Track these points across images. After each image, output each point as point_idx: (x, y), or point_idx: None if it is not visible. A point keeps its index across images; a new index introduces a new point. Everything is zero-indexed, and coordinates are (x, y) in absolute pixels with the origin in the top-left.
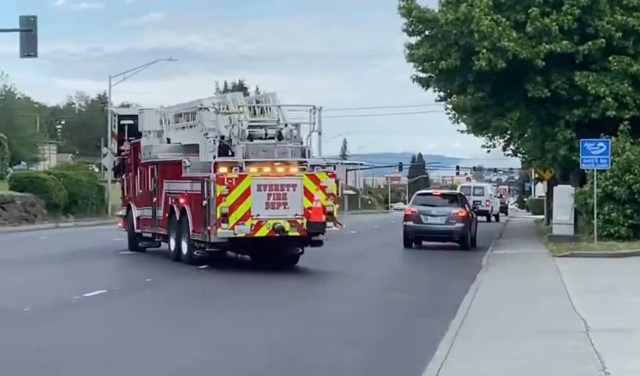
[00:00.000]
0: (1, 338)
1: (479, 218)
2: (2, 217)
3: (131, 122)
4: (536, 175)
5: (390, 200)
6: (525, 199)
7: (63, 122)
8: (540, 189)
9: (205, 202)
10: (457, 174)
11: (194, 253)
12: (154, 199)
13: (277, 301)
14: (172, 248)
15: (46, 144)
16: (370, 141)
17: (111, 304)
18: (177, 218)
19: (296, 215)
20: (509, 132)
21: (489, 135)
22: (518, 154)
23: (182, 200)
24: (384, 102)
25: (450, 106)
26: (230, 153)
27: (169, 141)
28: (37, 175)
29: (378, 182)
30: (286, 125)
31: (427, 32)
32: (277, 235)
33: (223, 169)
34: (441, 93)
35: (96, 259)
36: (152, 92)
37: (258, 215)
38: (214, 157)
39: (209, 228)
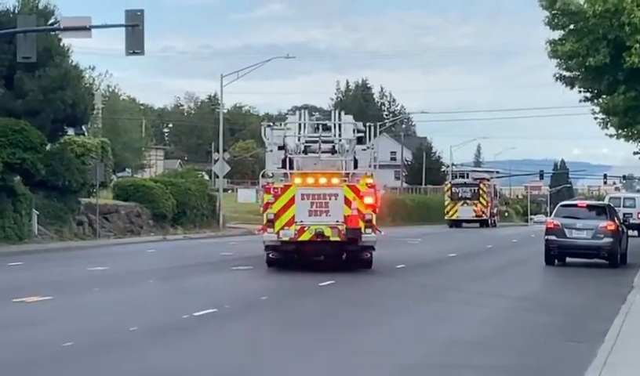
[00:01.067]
0: (107, 360)
1: (630, 232)
2: (106, 228)
3: None
4: None
5: (529, 212)
6: None
7: (170, 125)
8: None
9: (261, 209)
10: (605, 183)
11: (269, 255)
12: None
13: (402, 324)
14: None
15: (152, 149)
16: (508, 146)
17: (224, 325)
18: None
19: (337, 221)
20: None
21: None
22: None
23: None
24: (524, 103)
25: (598, 108)
26: (293, 164)
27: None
28: (142, 183)
29: (516, 192)
30: (340, 141)
31: (572, 26)
32: (318, 239)
33: (271, 180)
34: (588, 93)
35: (206, 275)
36: (268, 92)
37: (301, 221)
38: (277, 169)
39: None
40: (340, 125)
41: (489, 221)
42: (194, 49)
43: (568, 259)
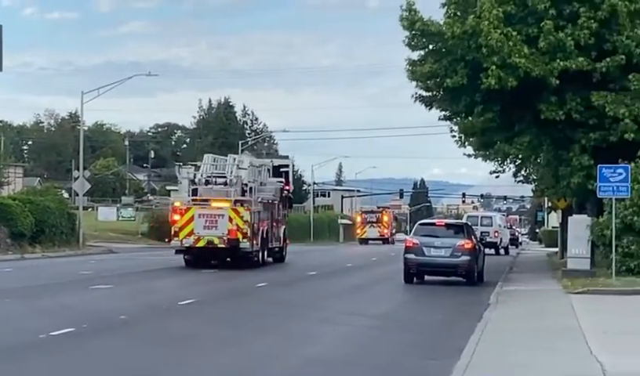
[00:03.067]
0: None
1: (487, 250)
2: None
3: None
4: (550, 204)
5: None
6: (538, 230)
7: (30, 143)
8: (553, 220)
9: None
10: (463, 202)
11: (184, 257)
12: None
13: (263, 343)
14: None
15: (11, 167)
16: (369, 165)
17: (81, 344)
18: None
19: (223, 233)
20: (520, 157)
21: (498, 159)
22: (530, 181)
23: None
24: (385, 122)
25: (456, 128)
26: (197, 193)
27: None
28: (0, 201)
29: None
30: (231, 176)
31: (431, 46)
32: (210, 246)
33: (177, 203)
34: (446, 113)
35: (65, 294)
36: (130, 110)
37: (198, 233)
38: (188, 196)
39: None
40: (232, 165)
41: (389, 239)
42: (56, 65)
43: (426, 277)
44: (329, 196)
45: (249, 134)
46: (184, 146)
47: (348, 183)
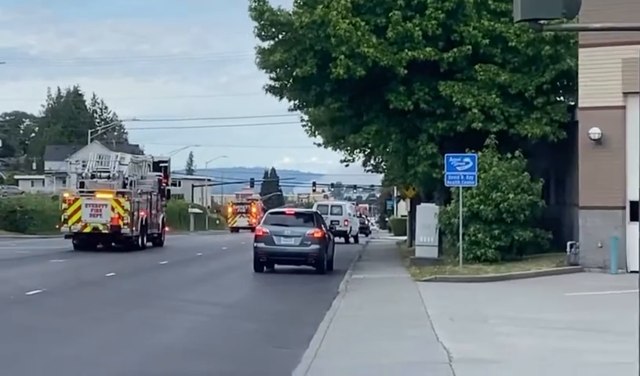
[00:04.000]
0: None
1: (337, 239)
2: None
3: None
4: (399, 193)
5: None
6: (387, 218)
7: None
8: (402, 208)
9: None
10: (314, 191)
11: (73, 242)
12: None
13: (112, 333)
14: None
15: None
16: (220, 154)
17: None
18: None
19: (106, 221)
20: (369, 146)
21: (348, 148)
22: (380, 170)
23: None
24: (236, 112)
25: (306, 117)
26: (84, 185)
27: None
28: None
29: (228, 200)
30: (113, 171)
31: (280, 36)
32: (95, 232)
33: (66, 194)
34: (297, 102)
35: None
36: None
37: (85, 220)
38: (76, 188)
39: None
40: (115, 161)
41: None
42: None
43: (276, 266)
44: (179, 185)
45: (98, 123)
46: (33, 134)
47: (199, 172)
